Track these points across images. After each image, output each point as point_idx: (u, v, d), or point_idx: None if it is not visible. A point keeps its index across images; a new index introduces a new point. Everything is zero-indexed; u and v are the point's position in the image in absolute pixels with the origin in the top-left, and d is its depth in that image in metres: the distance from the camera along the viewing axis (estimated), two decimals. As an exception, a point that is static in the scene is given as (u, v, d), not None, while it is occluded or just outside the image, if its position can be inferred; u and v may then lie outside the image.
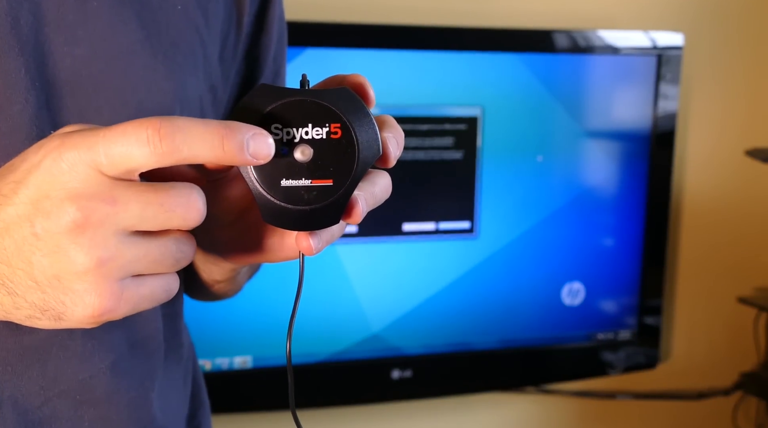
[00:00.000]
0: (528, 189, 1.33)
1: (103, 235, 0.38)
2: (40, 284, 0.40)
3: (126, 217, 0.38)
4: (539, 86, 1.31)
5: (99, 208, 0.38)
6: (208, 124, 0.39)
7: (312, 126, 0.42)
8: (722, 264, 1.58)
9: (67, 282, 0.39)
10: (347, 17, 1.27)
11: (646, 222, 1.41)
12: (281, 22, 0.65)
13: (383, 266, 1.28)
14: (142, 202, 0.39)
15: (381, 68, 1.24)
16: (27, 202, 0.39)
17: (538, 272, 1.36)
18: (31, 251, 0.39)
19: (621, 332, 1.43)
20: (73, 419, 0.50)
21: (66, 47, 0.47)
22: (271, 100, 0.42)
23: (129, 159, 0.38)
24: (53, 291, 0.40)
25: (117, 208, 0.38)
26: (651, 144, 1.39)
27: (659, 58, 1.37)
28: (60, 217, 0.38)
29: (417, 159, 1.27)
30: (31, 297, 0.40)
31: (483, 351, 1.36)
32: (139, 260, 0.40)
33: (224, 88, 0.60)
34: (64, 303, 0.40)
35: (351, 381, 1.31)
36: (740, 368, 1.57)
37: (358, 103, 0.43)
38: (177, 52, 0.53)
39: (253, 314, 1.23)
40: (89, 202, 0.38)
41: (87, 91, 0.49)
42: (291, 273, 1.21)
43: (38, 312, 0.41)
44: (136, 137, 0.37)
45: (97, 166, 0.38)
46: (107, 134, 0.38)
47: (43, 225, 0.38)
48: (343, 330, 1.28)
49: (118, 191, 0.38)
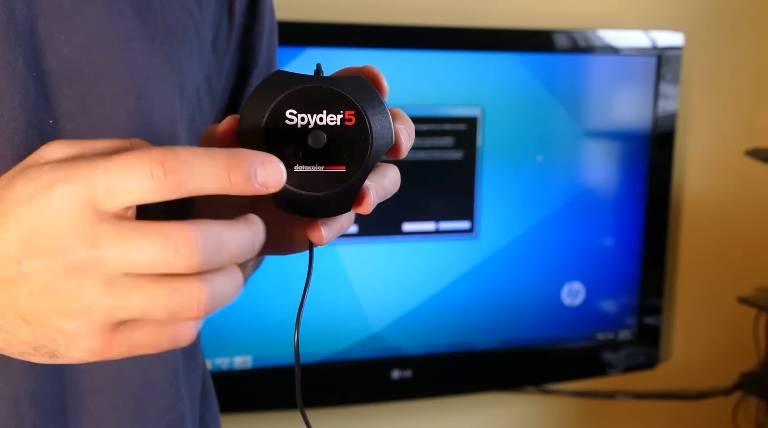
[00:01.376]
0: (528, 189, 1.33)
1: (90, 279, 0.36)
2: (29, 323, 0.38)
3: (111, 262, 0.36)
4: (539, 86, 1.31)
5: (82, 251, 0.36)
6: (214, 155, 0.37)
7: (327, 112, 0.42)
8: (722, 264, 1.58)
9: (57, 322, 0.37)
10: (347, 17, 1.27)
11: (646, 222, 1.41)
12: (272, 13, 0.65)
13: (383, 266, 1.28)
14: (122, 246, 0.36)
15: (381, 68, 1.23)
16: (15, 239, 0.37)
17: (538, 272, 1.36)
18: (18, 289, 0.37)
19: (621, 332, 1.43)
20: (77, 410, 0.50)
21: (64, 35, 0.47)
22: (286, 86, 0.42)
23: (130, 193, 0.36)
24: (42, 329, 0.38)
25: (99, 252, 0.36)
26: (651, 144, 1.39)
27: (659, 58, 1.37)
28: (49, 258, 0.36)
29: (417, 159, 1.27)
30: (21, 334, 0.38)
31: (483, 351, 1.36)
32: (124, 307, 0.36)
33: (218, 77, 0.60)
34: (56, 342, 0.38)
35: (351, 381, 1.31)
36: (740, 368, 1.57)
37: (372, 91, 0.43)
38: (174, 38, 0.53)
39: (253, 314, 1.23)
40: (78, 242, 0.36)
41: (88, 78, 0.48)
42: (291, 273, 1.22)
43: (31, 349, 0.39)
44: (139, 170, 0.35)
45: (93, 200, 0.36)
46: (107, 166, 0.36)
47: (31, 266, 0.36)
48: (343, 330, 1.28)
49: (102, 232, 0.36)
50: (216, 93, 0.60)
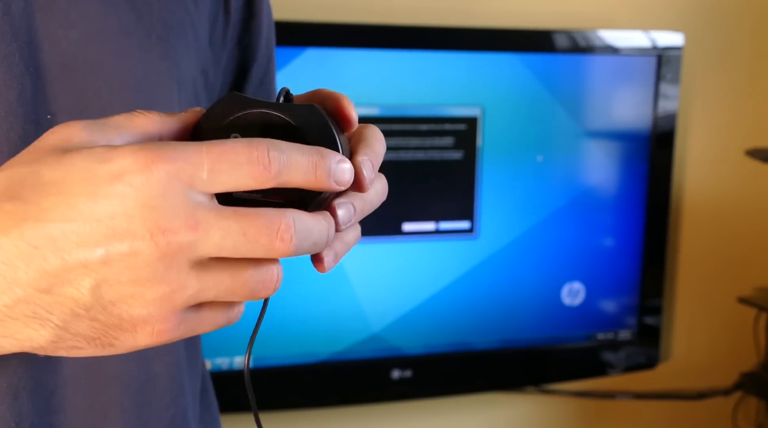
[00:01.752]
0: (528, 189, 1.33)
1: (179, 262, 0.35)
2: (90, 311, 0.36)
3: (205, 246, 0.35)
4: (539, 86, 1.31)
5: (181, 234, 0.35)
6: (303, 149, 0.37)
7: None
8: (722, 265, 1.58)
9: (130, 309, 0.36)
10: (347, 17, 1.27)
11: (646, 222, 1.41)
12: (268, 8, 0.66)
13: (383, 266, 1.28)
14: (223, 230, 0.35)
15: (381, 68, 1.24)
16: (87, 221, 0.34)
17: (538, 272, 1.36)
18: (86, 278, 0.35)
19: (621, 332, 1.43)
20: (83, 406, 0.50)
21: (61, 30, 0.48)
22: (236, 109, 0.40)
23: (233, 179, 0.35)
24: (107, 317, 0.36)
25: (198, 235, 0.35)
26: (651, 144, 1.39)
27: (659, 58, 1.37)
28: (141, 241, 0.34)
29: (417, 159, 1.27)
30: (76, 327, 0.36)
31: (483, 351, 1.36)
32: (209, 289, 0.36)
33: (215, 73, 0.61)
34: (120, 329, 0.36)
35: (351, 381, 1.31)
36: (740, 368, 1.57)
37: (324, 124, 0.39)
38: (170, 33, 0.53)
39: (253, 314, 1.23)
40: (179, 223, 0.34)
41: (84, 73, 0.48)
42: (291, 273, 1.22)
43: (83, 342, 0.37)
44: (247, 156, 0.35)
45: (193, 181, 0.35)
46: (214, 149, 0.35)
47: (117, 249, 0.34)
48: (343, 330, 1.28)
49: (202, 214, 0.35)
50: (213, 88, 0.61)
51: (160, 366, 0.55)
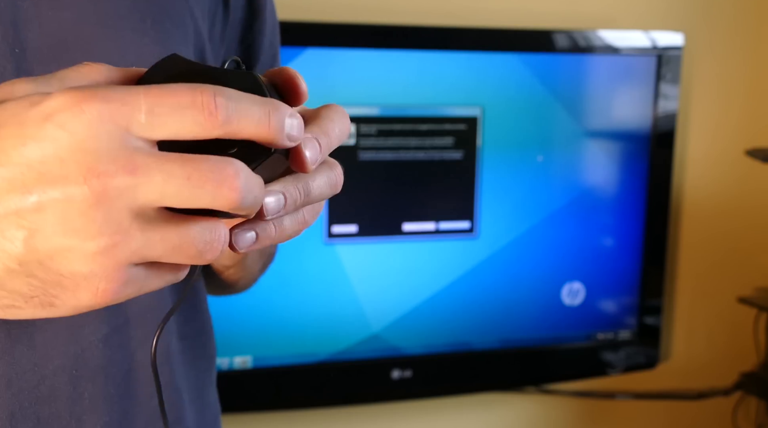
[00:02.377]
0: (528, 189, 1.33)
1: (119, 211, 0.32)
2: (27, 268, 0.33)
3: (146, 191, 0.32)
4: (539, 86, 1.31)
5: (119, 177, 0.32)
6: (255, 98, 0.35)
7: None
8: (722, 265, 1.58)
9: (68, 264, 0.33)
10: (347, 17, 1.27)
11: (646, 222, 1.41)
12: (272, 9, 0.65)
13: (383, 266, 1.28)
14: (164, 173, 0.32)
15: (381, 68, 1.24)
16: (18, 165, 0.32)
17: (538, 272, 1.36)
18: (17, 227, 0.32)
19: (621, 332, 1.43)
20: (73, 396, 0.49)
21: (51, 11, 0.46)
22: (174, 70, 0.38)
23: (173, 124, 0.33)
24: (45, 273, 0.33)
25: (137, 179, 0.32)
26: (651, 144, 1.39)
27: (659, 58, 1.37)
28: (75, 186, 0.32)
29: (417, 159, 1.27)
30: (12, 284, 0.34)
31: (483, 351, 1.36)
32: (154, 245, 0.33)
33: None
34: (59, 287, 0.34)
35: (351, 381, 1.31)
36: (740, 368, 1.57)
37: (259, 90, 0.37)
38: (166, 19, 0.53)
39: (253, 314, 1.23)
40: (109, 167, 0.32)
41: (74, 54, 0.47)
42: (291, 273, 1.22)
43: (20, 301, 0.35)
44: (190, 100, 0.33)
45: (129, 124, 0.32)
46: (152, 91, 0.33)
47: (48, 195, 0.32)
48: (343, 330, 1.28)
49: (141, 158, 0.32)
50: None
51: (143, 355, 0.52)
